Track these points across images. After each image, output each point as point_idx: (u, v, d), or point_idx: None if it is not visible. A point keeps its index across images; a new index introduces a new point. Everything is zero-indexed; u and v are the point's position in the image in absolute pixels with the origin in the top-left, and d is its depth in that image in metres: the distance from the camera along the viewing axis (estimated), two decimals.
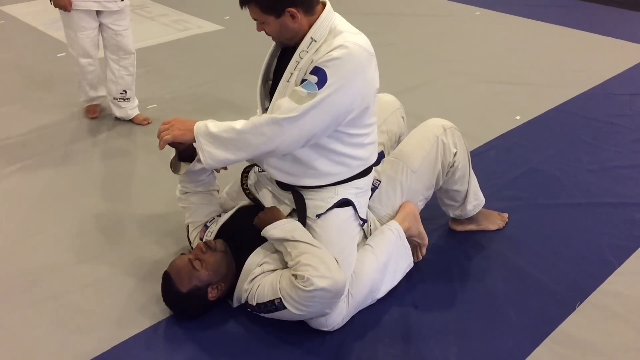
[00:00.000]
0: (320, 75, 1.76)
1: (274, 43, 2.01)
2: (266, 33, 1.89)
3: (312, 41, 1.84)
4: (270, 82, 2.05)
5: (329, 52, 1.78)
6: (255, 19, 1.85)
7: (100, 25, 3.07)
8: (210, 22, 4.88)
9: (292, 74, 1.87)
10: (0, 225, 2.47)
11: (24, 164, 2.89)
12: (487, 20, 4.99)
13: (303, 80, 1.81)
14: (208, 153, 1.84)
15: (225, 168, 2.17)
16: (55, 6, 2.98)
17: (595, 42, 4.49)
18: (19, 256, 2.29)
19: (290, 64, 1.88)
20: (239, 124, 1.82)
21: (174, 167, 2.14)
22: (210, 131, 1.83)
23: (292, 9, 1.78)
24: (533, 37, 4.60)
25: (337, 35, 1.82)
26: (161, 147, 1.91)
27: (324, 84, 1.76)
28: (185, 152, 2.06)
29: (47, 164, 2.89)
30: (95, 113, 3.32)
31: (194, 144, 1.89)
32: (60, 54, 4.15)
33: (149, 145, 3.02)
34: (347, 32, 1.84)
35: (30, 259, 2.28)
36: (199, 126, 1.86)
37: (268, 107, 1.99)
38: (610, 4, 5.38)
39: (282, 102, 1.80)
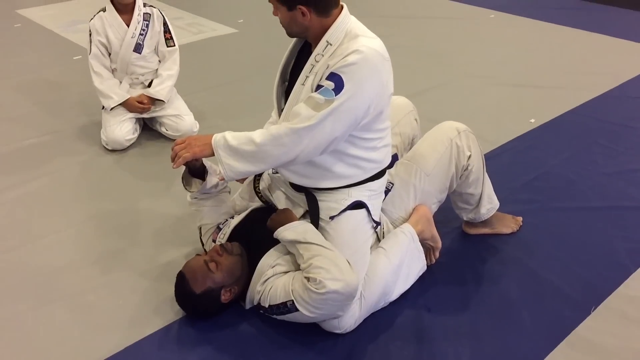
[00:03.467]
0: (336, 81, 1.77)
1: (292, 41, 2.01)
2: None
3: (327, 44, 1.84)
4: (286, 83, 2.05)
5: (345, 56, 1.78)
6: (270, 2, 1.88)
7: None
8: (225, 25, 4.90)
9: (307, 77, 1.88)
10: (17, 226, 2.49)
11: (39, 166, 2.91)
12: (501, 23, 4.96)
13: (319, 86, 1.81)
14: (228, 166, 1.84)
15: (242, 181, 2.19)
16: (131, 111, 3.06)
17: (611, 45, 4.45)
18: (35, 256, 2.31)
19: (305, 67, 1.88)
20: (258, 135, 1.82)
21: (186, 181, 2.15)
22: (230, 144, 1.83)
23: (304, 7, 1.79)
24: (548, 39, 4.57)
25: (352, 39, 1.82)
26: (177, 165, 1.89)
27: (341, 90, 1.76)
28: (196, 168, 2.08)
29: (62, 166, 2.92)
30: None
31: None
32: (77, 57, 4.19)
33: (163, 146, 3.04)
34: (362, 36, 1.84)
35: (46, 259, 2.30)
36: (217, 139, 1.85)
37: (284, 108, 2.00)
38: (626, 6, 5.33)
39: (299, 110, 1.80)
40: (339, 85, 1.76)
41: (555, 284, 2.15)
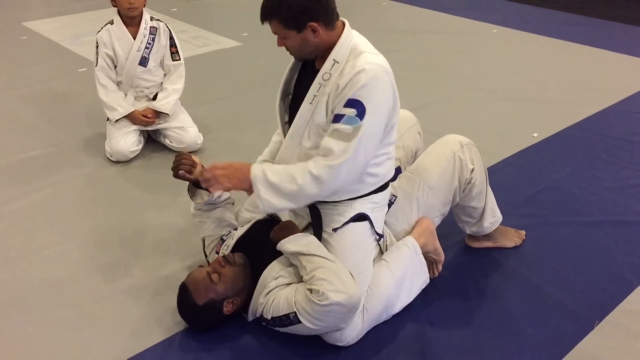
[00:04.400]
0: (357, 106, 1.79)
1: (291, 61, 2.02)
2: (287, 48, 1.91)
3: (334, 63, 1.86)
4: (290, 97, 2.06)
5: (355, 76, 1.79)
6: (276, 34, 1.88)
7: None
8: (229, 39, 4.94)
9: (315, 96, 1.88)
10: (21, 237, 2.50)
11: (43, 177, 2.92)
12: (504, 38, 4.99)
13: (338, 116, 1.81)
14: (266, 201, 1.85)
15: (250, 192, 2.21)
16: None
17: (613, 60, 4.47)
18: (38, 267, 2.32)
19: (312, 86, 1.89)
20: (300, 174, 1.81)
21: (192, 192, 2.16)
22: (270, 181, 1.84)
23: (314, 24, 1.80)
24: (550, 54, 4.59)
25: (357, 56, 1.84)
26: (215, 189, 1.93)
27: (364, 114, 1.79)
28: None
29: (66, 177, 2.93)
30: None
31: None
32: (82, 69, 4.22)
33: (167, 158, 3.05)
34: (367, 52, 1.86)
35: (49, 270, 2.30)
36: (257, 173, 1.85)
37: (288, 122, 2.01)
38: (629, 22, 5.36)
39: (330, 145, 1.80)
40: (360, 110, 1.79)
41: (558, 299, 2.14)
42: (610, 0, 6.14)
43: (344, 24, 1.90)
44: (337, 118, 1.82)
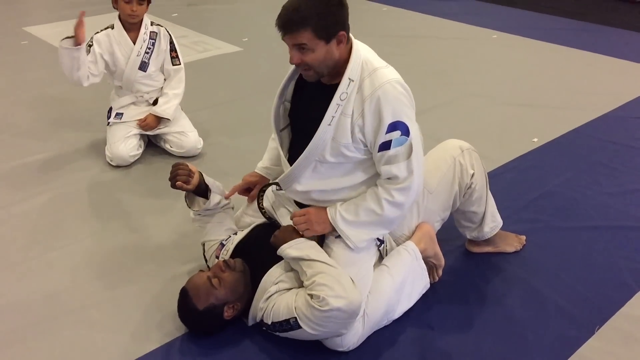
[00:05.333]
0: (400, 127, 1.84)
1: (291, 68, 2.00)
2: (303, 63, 1.82)
3: (350, 82, 1.85)
4: (287, 104, 2.06)
5: (382, 102, 1.82)
6: (299, 46, 1.78)
7: None
8: (229, 44, 4.94)
9: (333, 117, 1.86)
10: (21, 241, 2.50)
11: (43, 182, 2.92)
12: (504, 43, 5.00)
13: (383, 145, 1.85)
14: (355, 237, 1.94)
15: (250, 199, 2.25)
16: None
17: (613, 66, 4.48)
18: (38, 271, 2.31)
19: (330, 107, 1.85)
20: (376, 205, 1.90)
21: (189, 200, 2.18)
22: (349, 219, 1.93)
23: (343, 33, 1.80)
24: (550, 60, 4.60)
25: (373, 73, 1.85)
26: (308, 235, 1.97)
27: (408, 130, 1.85)
28: (199, 189, 2.10)
29: (66, 182, 2.93)
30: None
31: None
32: None
33: (167, 162, 3.05)
34: (380, 67, 1.88)
35: (49, 274, 2.30)
36: (333, 216, 1.95)
37: (283, 129, 2.01)
38: (628, 28, 5.37)
39: (392, 172, 1.88)
40: (404, 128, 1.85)
41: (559, 304, 2.14)
42: (610, 6, 6.16)
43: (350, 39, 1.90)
44: (385, 146, 1.85)
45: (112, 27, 3.02)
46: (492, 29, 5.33)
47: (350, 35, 1.89)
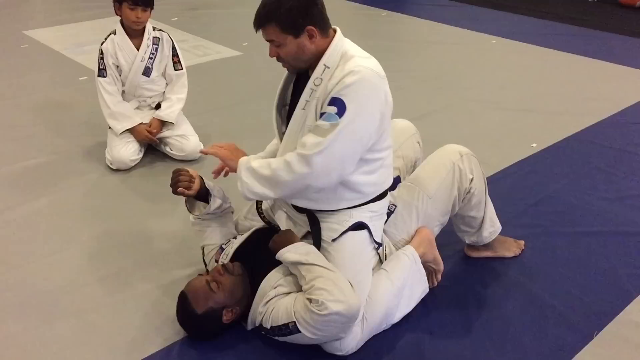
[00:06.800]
0: (338, 104, 1.79)
1: (286, 72, 2.02)
2: (280, 58, 1.90)
3: (325, 68, 1.87)
4: (287, 107, 2.07)
5: (342, 78, 1.80)
6: (271, 41, 1.88)
7: None
8: (229, 48, 4.95)
9: (307, 101, 1.90)
10: (21, 245, 2.50)
11: (44, 186, 2.93)
12: (503, 49, 5.01)
13: (322, 114, 1.83)
14: (247, 185, 1.92)
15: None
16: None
17: (611, 71, 4.49)
18: (38, 275, 2.31)
19: (305, 91, 1.90)
20: (274, 161, 1.89)
21: (189, 204, 2.18)
22: (252, 166, 1.92)
23: (312, 27, 1.82)
24: (549, 65, 4.61)
25: (348, 61, 1.85)
26: (217, 173, 2.11)
27: (344, 112, 1.79)
28: (200, 193, 2.11)
29: (67, 186, 2.93)
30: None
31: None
32: (82, 78, 4.23)
33: (167, 166, 3.06)
34: (357, 56, 1.87)
35: (49, 278, 2.30)
36: (243, 159, 1.97)
37: (284, 132, 2.02)
38: (627, 34, 5.39)
39: (307, 139, 1.83)
40: (341, 108, 1.79)
41: (558, 309, 2.14)
42: (609, 11, 6.18)
43: (335, 32, 1.92)
44: (320, 116, 1.84)
45: (115, 32, 3.03)
46: (491, 34, 5.34)
47: (338, 32, 1.90)
